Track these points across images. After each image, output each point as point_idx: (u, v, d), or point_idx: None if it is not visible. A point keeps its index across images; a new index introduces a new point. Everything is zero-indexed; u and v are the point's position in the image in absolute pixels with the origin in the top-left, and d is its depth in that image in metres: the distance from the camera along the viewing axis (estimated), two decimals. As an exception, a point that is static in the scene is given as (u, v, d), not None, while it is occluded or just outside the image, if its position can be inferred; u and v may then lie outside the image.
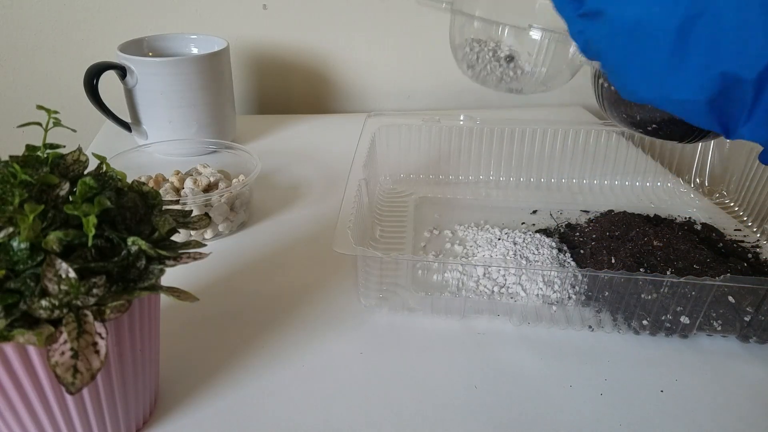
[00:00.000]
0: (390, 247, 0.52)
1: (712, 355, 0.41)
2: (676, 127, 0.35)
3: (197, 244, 0.32)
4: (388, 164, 0.63)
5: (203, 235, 0.54)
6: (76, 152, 0.32)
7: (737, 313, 0.42)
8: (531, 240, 0.51)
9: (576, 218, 0.57)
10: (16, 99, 0.85)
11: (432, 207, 0.60)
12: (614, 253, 0.46)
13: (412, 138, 0.63)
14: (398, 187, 0.63)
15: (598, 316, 0.44)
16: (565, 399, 0.38)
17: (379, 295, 0.44)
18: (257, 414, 0.36)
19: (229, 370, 0.40)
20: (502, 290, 0.46)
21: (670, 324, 0.42)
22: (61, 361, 0.25)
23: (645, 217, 0.54)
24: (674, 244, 0.46)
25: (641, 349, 0.42)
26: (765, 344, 0.43)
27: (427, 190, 0.62)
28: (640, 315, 0.42)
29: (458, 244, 0.52)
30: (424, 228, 0.56)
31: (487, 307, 0.45)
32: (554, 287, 0.45)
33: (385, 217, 0.56)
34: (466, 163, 0.64)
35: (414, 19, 0.85)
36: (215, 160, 0.62)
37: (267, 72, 0.87)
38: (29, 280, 0.26)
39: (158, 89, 0.65)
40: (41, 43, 0.81)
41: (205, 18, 0.82)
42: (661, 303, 0.41)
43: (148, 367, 0.33)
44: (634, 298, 0.42)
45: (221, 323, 0.44)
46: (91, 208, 0.27)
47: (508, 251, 0.49)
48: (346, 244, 0.40)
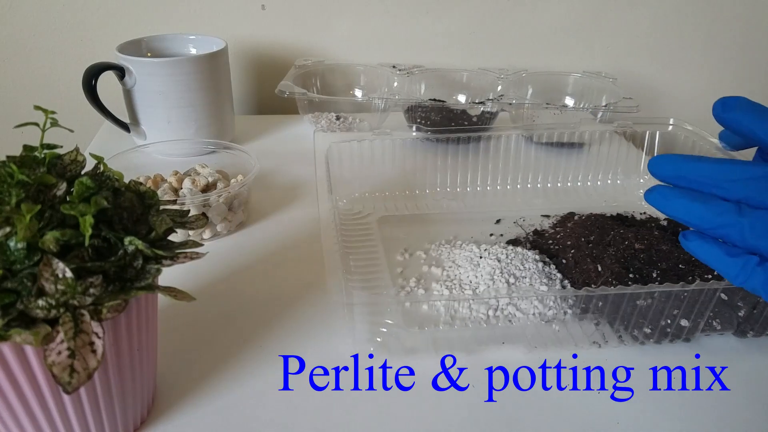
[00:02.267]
0: (368, 278, 0.49)
1: (718, 354, 0.42)
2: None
3: (194, 244, 0.32)
4: (342, 184, 0.59)
5: (201, 235, 0.54)
6: (74, 152, 0.32)
7: (732, 310, 0.42)
8: (514, 255, 0.49)
9: (540, 223, 0.57)
10: (15, 99, 0.85)
11: (396, 226, 0.57)
12: (599, 261, 0.45)
13: (364, 154, 0.59)
14: (355, 207, 0.59)
15: (600, 329, 0.43)
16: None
17: (377, 339, 0.42)
18: (255, 413, 0.37)
19: (227, 369, 0.40)
20: (497, 313, 0.44)
21: (671, 329, 0.42)
22: (58, 361, 0.25)
23: (613, 218, 0.53)
24: (655, 245, 0.46)
25: (650, 359, 0.41)
26: (761, 337, 0.43)
27: (386, 208, 0.59)
28: (641, 323, 0.42)
29: (435, 266, 0.50)
30: (395, 250, 0.53)
31: (488, 334, 0.43)
32: (548, 303, 0.44)
33: (353, 244, 0.53)
34: (422, 175, 0.61)
35: (414, 20, 0.85)
36: (213, 161, 0.62)
37: (265, 72, 0.87)
38: (26, 279, 0.26)
39: (157, 90, 0.65)
40: (40, 44, 0.81)
41: (203, 18, 0.82)
42: (657, 308, 0.41)
43: (145, 366, 0.33)
44: (630, 306, 0.41)
45: (219, 323, 0.44)
46: (87, 208, 0.27)
47: (494, 270, 0.47)
48: (341, 290, 0.38)
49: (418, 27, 0.86)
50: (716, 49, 0.92)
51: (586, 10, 0.86)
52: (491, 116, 0.72)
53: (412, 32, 0.86)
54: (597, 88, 0.77)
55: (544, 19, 0.86)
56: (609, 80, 0.76)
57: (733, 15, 0.89)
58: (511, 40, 0.88)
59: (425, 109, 0.72)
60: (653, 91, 0.94)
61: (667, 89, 0.95)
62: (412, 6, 0.84)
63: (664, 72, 0.93)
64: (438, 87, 0.78)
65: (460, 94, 0.79)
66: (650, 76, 0.93)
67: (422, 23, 0.85)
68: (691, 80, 0.94)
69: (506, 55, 0.89)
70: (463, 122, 0.71)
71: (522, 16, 0.86)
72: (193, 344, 0.42)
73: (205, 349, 0.41)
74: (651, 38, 0.90)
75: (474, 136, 0.61)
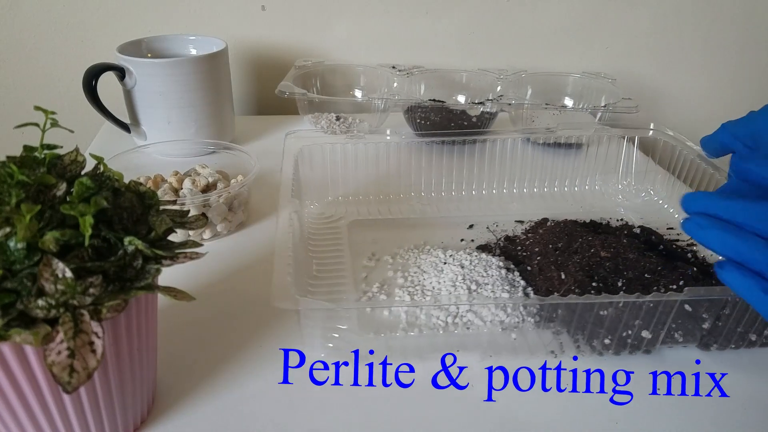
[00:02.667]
0: (330, 283, 0.48)
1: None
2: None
3: (194, 244, 0.32)
4: (314, 187, 0.58)
5: (201, 235, 0.54)
6: (74, 153, 0.32)
7: (696, 322, 0.40)
8: (478, 262, 0.48)
9: (512, 229, 0.56)
10: (16, 100, 0.85)
11: (367, 230, 0.55)
12: (563, 268, 0.44)
13: (337, 157, 0.58)
14: (327, 211, 0.58)
15: (558, 338, 0.42)
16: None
17: (329, 345, 0.41)
18: (255, 413, 0.37)
19: (227, 369, 0.40)
20: (456, 320, 0.43)
21: (632, 340, 0.40)
22: (58, 361, 0.25)
23: (584, 225, 0.52)
24: (622, 254, 0.45)
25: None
26: (725, 351, 0.42)
27: (359, 212, 0.58)
28: (600, 333, 0.40)
29: (401, 271, 0.49)
30: (363, 255, 0.52)
31: (444, 341, 0.42)
32: (507, 311, 0.43)
33: (319, 249, 0.52)
34: (396, 179, 0.60)
35: (413, 20, 0.85)
36: (214, 161, 0.62)
37: (265, 73, 0.87)
38: (26, 279, 0.26)
39: (157, 90, 0.66)
40: (40, 44, 0.81)
41: (203, 19, 0.82)
42: (618, 317, 0.39)
43: (145, 366, 0.33)
44: (590, 315, 0.40)
45: (219, 323, 0.44)
46: (87, 208, 0.27)
47: (456, 276, 0.46)
48: (287, 295, 0.35)
49: (417, 27, 0.86)
50: (716, 49, 0.92)
51: (586, 11, 0.86)
52: (491, 116, 0.72)
53: (412, 33, 0.86)
54: (596, 89, 0.77)
55: (544, 19, 0.87)
56: (608, 81, 0.76)
57: (733, 15, 0.89)
58: (511, 41, 0.88)
59: (425, 110, 0.72)
60: (653, 91, 0.94)
61: (666, 90, 0.95)
62: (412, 7, 0.84)
63: (663, 72, 0.93)
64: (437, 87, 0.78)
65: (460, 94, 0.79)
66: (650, 77, 0.93)
67: (422, 24, 0.85)
68: (691, 81, 0.94)
69: (506, 55, 0.89)
70: (462, 123, 0.71)
71: (521, 16, 0.86)
72: (193, 344, 0.42)
73: (205, 349, 0.41)
74: (651, 39, 0.90)
75: (450, 140, 0.60)
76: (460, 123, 0.71)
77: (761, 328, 0.41)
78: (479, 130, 0.69)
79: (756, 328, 0.41)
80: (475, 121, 0.71)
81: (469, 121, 0.71)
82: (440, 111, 0.71)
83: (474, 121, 0.71)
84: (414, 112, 0.73)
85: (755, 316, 0.40)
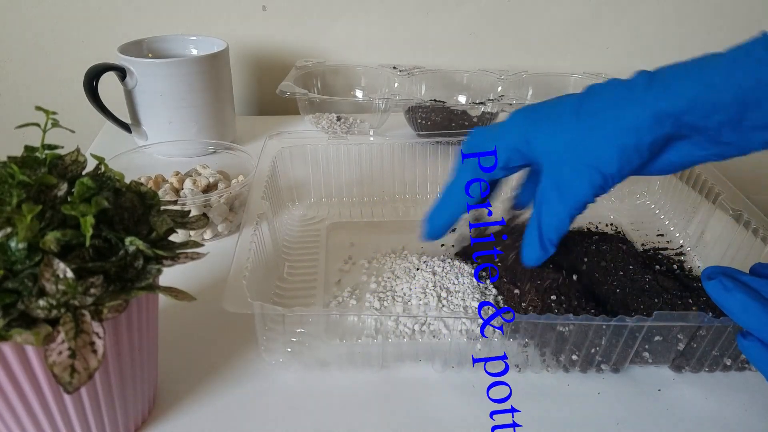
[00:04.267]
0: (300, 287, 0.47)
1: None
2: None
3: (195, 244, 0.32)
4: (295, 189, 0.58)
5: (203, 235, 0.54)
6: (75, 153, 0.32)
7: (668, 343, 0.38)
8: (450, 269, 0.48)
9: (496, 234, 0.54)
10: (17, 100, 0.85)
11: (346, 233, 0.55)
12: (532, 281, 0.42)
13: (319, 158, 0.57)
14: (309, 213, 0.58)
15: (525, 352, 0.40)
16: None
17: (288, 349, 0.40)
18: (255, 413, 0.37)
19: (228, 369, 0.40)
20: (423, 328, 0.42)
21: (601, 358, 0.39)
22: (59, 361, 0.25)
23: (570, 232, 0.49)
24: (602, 267, 0.43)
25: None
26: (699, 373, 0.40)
27: (340, 214, 0.57)
28: (564, 348, 0.39)
29: (374, 276, 0.48)
30: (339, 258, 0.51)
31: (409, 350, 0.41)
32: (477, 322, 0.42)
33: (293, 251, 0.51)
34: (379, 180, 0.59)
35: (414, 21, 0.85)
36: (214, 161, 0.62)
37: (266, 73, 0.87)
38: (27, 279, 0.26)
39: (158, 90, 0.66)
40: (41, 45, 0.81)
41: (204, 19, 0.82)
42: (583, 334, 0.37)
43: (146, 366, 0.33)
44: (552, 332, 0.38)
45: (220, 323, 0.44)
46: (88, 208, 0.27)
47: (427, 283, 0.46)
48: (239, 299, 0.35)
49: (418, 28, 0.86)
50: (716, 49, 0.91)
51: (586, 11, 0.86)
52: (491, 117, 0.72)
53: (413, 33, 0.86)
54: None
55: (545, 20, 0.87)
56: (609, 81, 0.76)
57: (733, 16, 0.89)
58: (512, 41, 0.88)
59: (426, 110, 0.72)
60: (654, 91, 0.94)
61: (667, 90, 0.94)
62: (413, 7, 0.84)
63: (664, 73, 0.93)
64: (438, 88, 0.78)
65: (461, 94, 0.79)
66: (651, 77, 0.93)
67: (423, 24, 0.85)
68: (692, 81, 0.94)
69: (506, 56, 0.89)
70: (463, 123, 0.71)
71: (522, 17, 0.86)
72: (193, 344, 0.42)
73: (205, 349, 0.41)
74: (651, 39, 0.90)
75: (433, 141, 0.59)
76: (461, 123, 0.71)
77: (737, 352, 0.39)
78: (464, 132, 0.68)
79: (731, 352, 0.39)
80: (476, 121, 0.71)
81: (470, 122, 0.71)
82: (441, 111, 0.71)
83: (475, 122, 0.71)
84: (415, 113, 0.73)
85: (731, 339, 0.37)
